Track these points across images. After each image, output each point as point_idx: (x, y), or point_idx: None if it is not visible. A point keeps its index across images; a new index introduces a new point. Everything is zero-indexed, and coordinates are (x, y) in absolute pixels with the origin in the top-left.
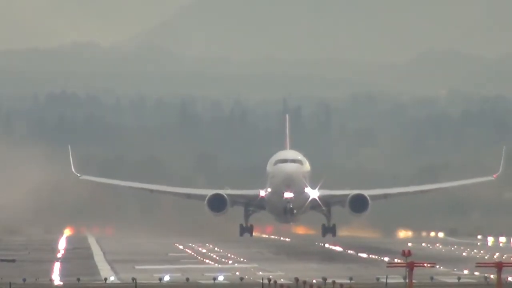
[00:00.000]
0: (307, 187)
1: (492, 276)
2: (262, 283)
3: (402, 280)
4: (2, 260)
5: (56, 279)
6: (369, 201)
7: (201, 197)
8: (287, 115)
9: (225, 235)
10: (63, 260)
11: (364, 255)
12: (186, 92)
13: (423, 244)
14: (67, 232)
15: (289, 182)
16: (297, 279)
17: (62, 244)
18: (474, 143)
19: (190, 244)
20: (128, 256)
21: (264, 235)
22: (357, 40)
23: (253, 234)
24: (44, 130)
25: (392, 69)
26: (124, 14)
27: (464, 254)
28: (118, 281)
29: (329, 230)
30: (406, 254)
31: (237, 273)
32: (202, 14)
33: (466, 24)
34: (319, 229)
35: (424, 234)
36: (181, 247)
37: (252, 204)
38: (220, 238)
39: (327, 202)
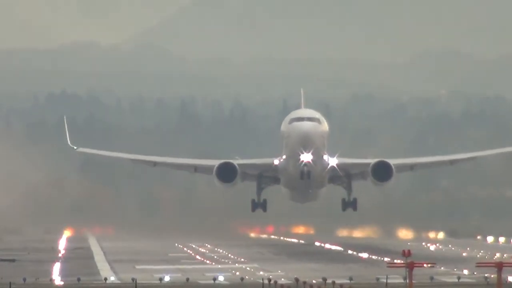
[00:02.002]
0: (325, 152)
1: (492, 276)
2: (262, 283)
3: (402, 280)
4: (2, 260)
5: (57, 279)
6: (393, 169)
7: (208, 169)
8: (302, 89)
9: (225, 235)
10: (63, 260)
11: (364, 255)
12: (186, 92)
13: (423, 244)
14: (67, 232)
15: (306, 141)
16: (297, 279)
17: (62, 244)
18: (474, 143)
19: (190, 244)
20: (128, 256)
21: (264, 235)
22: (357, 40)
23: (252, 234)
24: (44, 130)
25: (392, 69)
26: (124, 14)
27: (464, 254)
28: (118, 281)
29: (349, 205)
30: (406, 254)
31: (237, 273)
32: (202, 14)
33: (466, 24)
34: (339, 205)
35: (424, 234)
36: (181, 247)
37: (265, 176)
38: (221, 238)
39: (347, 173)
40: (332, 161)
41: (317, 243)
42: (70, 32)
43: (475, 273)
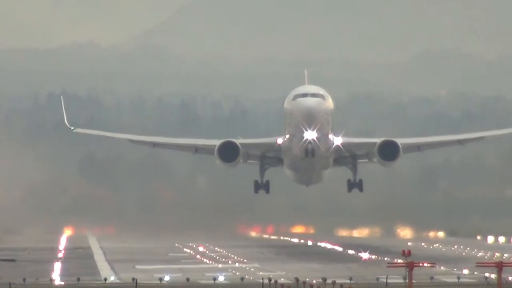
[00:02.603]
0: (330, 130)
1: (492, 276)
2: (262, 283)
3: (402, 280)
4: (2, 260)
5: (57, 279)
6: (400, 148)
7: (210, 150)
8: (305, 70)
9: (225, 235)
10: (63, 260)
11: (364, 255)
12: (186, 92)
13: (423, 244)
14: (67, 232)
15: (310, 118)
16: (297, 279)
17: (62, 244)
18: (474, 143)
19: (190, 244)
20: (128, 256)
21: (264, 235)
22: (357, 40)
23: (253, 234)
24: (44, 130)
25: (392, 69)
26: (124, 14)
27: (464, 254)
28: (118, 281)
29: (355, 185)
30: (406, 254)
31: (237, 273)
32: (202, 14)
33: (466, 24)
34: (344, 186)
35: (424, 234)
36: (181, 247)
37: (268, 156)
38: (221, 238)
39: (353, 153)
40: (337, 140)
41: (321, 243)
42: (70, 32)
43: (475, 273)
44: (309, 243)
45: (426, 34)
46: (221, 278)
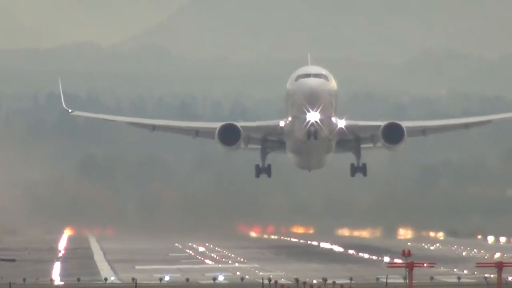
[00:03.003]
0: (333, 112)
1: (492, 276)
2: (262, 283)
3: (402, 280)
4: (2, 260)
5: (57, 279)
6: (405, 131)
7: (210, 133)
8: (308, 54)
9: (225, 235)
10: (63, 260)
11: (364, 255)
12: (186, 92)
13: (423, 244)
14: (67, 232)
15: (313, 99)
16: (297, 279)
17: (62, 244)
18: (474, 143)
19: (190, 244)
20: (128, 256)
21: (264, 235)
22: (357, 40)
23: (253, 234)
24: (44, 130)
25: (392, 69)
26: (124, 14)
27: (464, 254)
28: (118, 281)
29: (359, 170)
30: (406, 254)
31: (237, 273)
32: (202, 14)
33: (466, 24)
34: (347, 171)
35: (424, 234)
36: (181, 247)
37: (270, 140)
38: (221, 238)
39: (356, 136)
40: (341, 123)
41: (323, 244)
42: (70, 32)
43: (475, 273)
44: (314, 243)
45: (426, 34)
46: (221, 278)
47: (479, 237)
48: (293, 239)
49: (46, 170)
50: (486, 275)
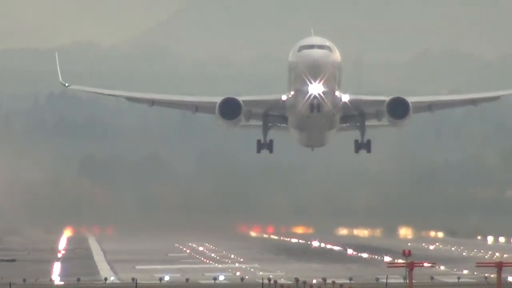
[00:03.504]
0: (337, 86)
1: (492, 276)
2: (262, 283)
3: (402, 280)
4: (2, 260)
5: (56, 279)
6: (410, 106)
7: (210, 108)
8: (312, 29)
9: (225, 235)
10: (63, 260)
11: (364, 255)
12: (186, 92)
13: (423, 244)
14: (67, 232)
15: (316, 70)
16: (297, 279)
17: (62, 244)
18: (474, 143)
19: (190, 244)
20: (128, 256)
21: (264, 235)
22: (357, 40)
23: (253, 233)
24: (44, 130)
25: (392, 69)
26: (124, 14)
27: (464, 254)
28: (118, 281)
29: (363, 146)
30: (406, 254)
31: (237, 273)
32: (202, 14)
33: (466, 24)
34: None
35: (424, 234)
36: (181, 247)
37: (272, 114)
38: (221, 238)
39: (361, 111)
40: (345, 97)
41: (323, 244)
42: (70, 32)
43: (475, 273)
44: (315, 243)
45: (426, 34)
46: (221, 278)
47: (478, 237)
48: (293, 239)
49: (46, 170)
50: (486, 275)
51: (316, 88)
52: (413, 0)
